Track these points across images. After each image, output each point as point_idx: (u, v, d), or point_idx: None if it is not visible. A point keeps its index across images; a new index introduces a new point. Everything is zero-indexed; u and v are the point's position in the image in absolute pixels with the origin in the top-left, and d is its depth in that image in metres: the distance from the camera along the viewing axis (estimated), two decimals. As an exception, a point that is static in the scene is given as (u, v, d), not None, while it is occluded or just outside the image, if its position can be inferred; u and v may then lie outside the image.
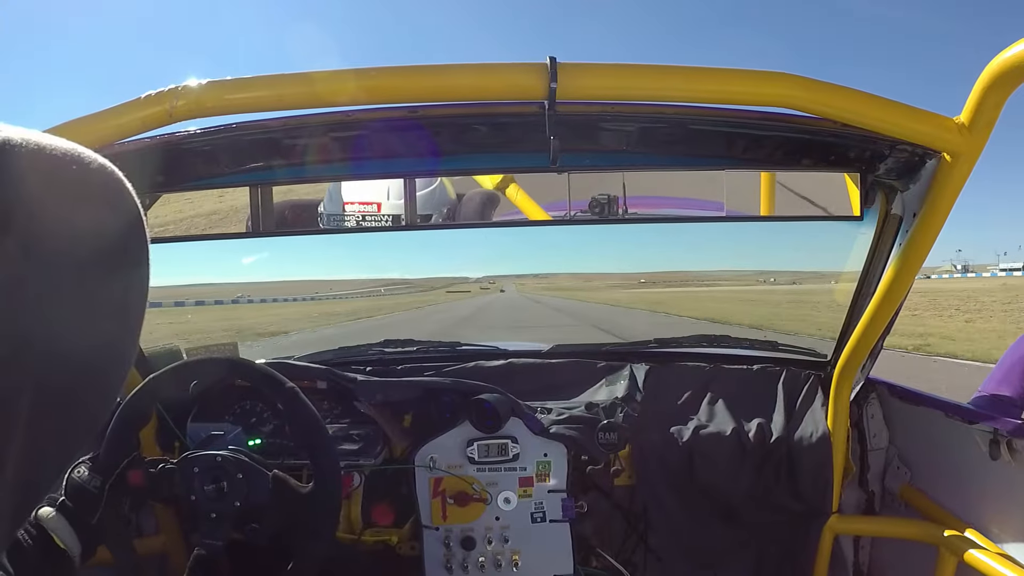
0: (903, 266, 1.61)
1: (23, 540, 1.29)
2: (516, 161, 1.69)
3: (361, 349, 2.64)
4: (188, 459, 1.57)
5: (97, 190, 0.48)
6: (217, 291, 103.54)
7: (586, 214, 1.61)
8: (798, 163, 1.66)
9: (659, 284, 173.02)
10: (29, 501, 0.50)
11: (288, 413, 1.62)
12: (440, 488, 1.97)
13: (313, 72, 1.30)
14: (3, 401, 0.42)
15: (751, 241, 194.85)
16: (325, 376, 2.04)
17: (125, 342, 0.53)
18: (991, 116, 1.26)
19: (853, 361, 1.94)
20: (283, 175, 1.71)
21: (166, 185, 1.71)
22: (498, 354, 2.45)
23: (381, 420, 2.01)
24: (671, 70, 1.28)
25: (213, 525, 1.54)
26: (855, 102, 1.30)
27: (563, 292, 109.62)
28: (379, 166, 1.72)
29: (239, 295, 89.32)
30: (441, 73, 1.29)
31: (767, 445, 2.06)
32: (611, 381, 2.31)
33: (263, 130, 1.56)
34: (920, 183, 1.54)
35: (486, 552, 1.94)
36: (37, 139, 0.43)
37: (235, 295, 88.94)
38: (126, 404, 1.64)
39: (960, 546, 1.69)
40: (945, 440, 1.92)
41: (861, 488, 2.21)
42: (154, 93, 1.28)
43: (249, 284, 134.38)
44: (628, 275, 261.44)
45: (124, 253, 0.51)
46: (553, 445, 1.98)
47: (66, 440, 0.51)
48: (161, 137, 1.50)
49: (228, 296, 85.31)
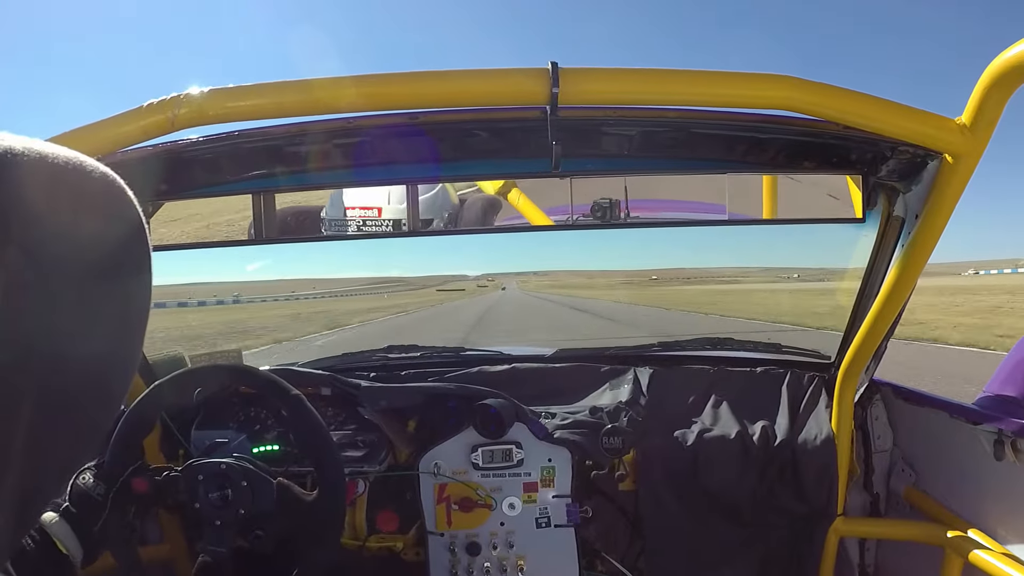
0: (906, 268, 1.60)
1: (26, 545, 1.29)
2: (518, 167, 1.70)
3: (365, 355, 2.65)
4: (192, 467, 1.57)
5: (99, 199, 0.48)
6: (215, 290, 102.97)
7: (588, 218, 1.61)
8: (800, 166, 1.66)
9: (674, 282, 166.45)
10: (33, 507, 0.50)
11: (293, 420, 1.62)
12: (445, 494, 1.96)
13: (314, 79, 1.30)
14: (6, 408, 0.43)
15: (753, 242, 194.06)
16: (329, 382, 2.04)
17: (128, 349, 0.54)
18: (992, 116, 1.26)
19: (857, 363, 1.94)
20: (285, 182, 1.72)
21: (168, 193, 1.72)
22: (502, 359, 2.45)
23: (385, 426, 2.01)
24: (672, 74, 1.28)
25: (217, 532, 1.54)
26: (856, 104, 1.29)
27: (570, 290, 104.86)
28: (381, 172, 1.72)
29: (236, 294, 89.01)
30: (442, 79, 1.29)
31: (771, 448, 2.06)
32: (615, 385, 2.31)
33: (265, 138, 1.56)
34: (922, 184, 1.54)
35: (491, 558, 1.94)
36: (39, 148, 0.44)
37: (232, 294, 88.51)
38: (131, 412, 1.64)
39: (965, 547, 1.69)
40: (949, 441, 1.91)
41: (866, 490, 2.20)
42: (156, 101, 1.28)
43: (244, 284, 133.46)
44: (636, 272, 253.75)
45: (126, 261, 0.51)
46: (557, 450, 1.98)
47: (69, 446, 0.51)
48: (163, 145, 1.51)
49: (227, 295, 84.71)
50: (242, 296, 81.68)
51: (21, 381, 0.43)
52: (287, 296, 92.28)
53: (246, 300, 76.86)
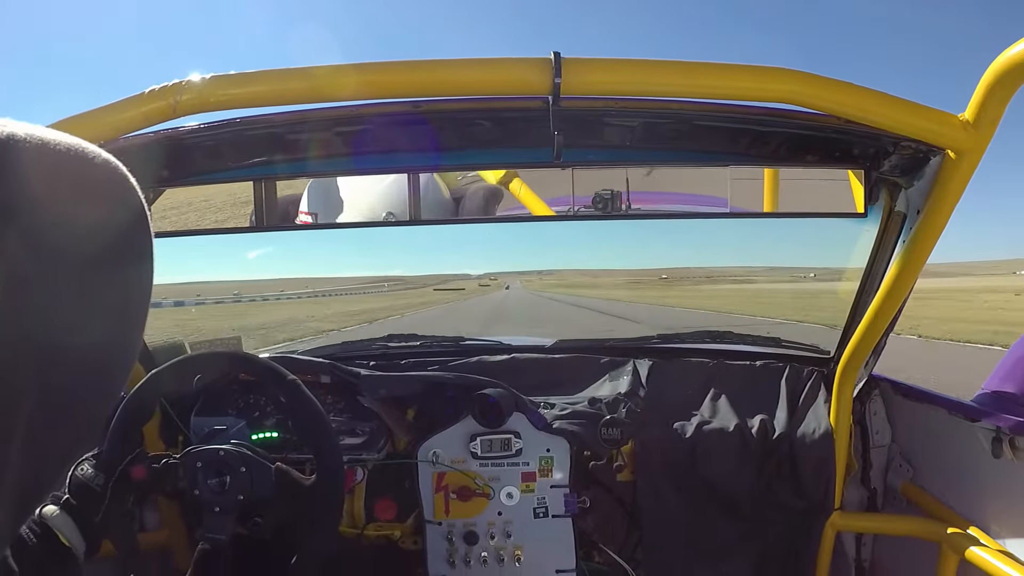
0: (907, 264, 1.60)
1: (27, 538, 1.29)
2: (519, 156, 1.69)
3: (365, 343, 2.65)
4: (191, 453, 1.57)
5: (101, 185, 0.48)
6: (213, 289, 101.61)
7: (589, 210, 1.61)
8: (802, 159, 1.65)
9: (685, 281, 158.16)
10: (32, 498, 0.50)
11: (291, 406, 1.62)
12: (443, 483, 1.97)
13: (316, 67, 1.29)
14: (6, 397, 0.43)
15: (753, 238, 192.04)
16: (329, 370, 2.04)
17: (128, 337, 0.53)
18: (996, 113, 1.25)
19: (856, 358, 1.94)
20: (287, 170, 1.71)
21: (170, 180, 1.72)
22: (501, 349, 2.45)
23: (384, 414, 2.02)
24: (675, 65, 1.27)
25: (216, 519, 1.54)
26: (859, 98, 1.29)
27: (577, 290, 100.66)
28: (382, 161, 1.72)
29: (236, 292, 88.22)
30: (444, 68, 1.29)
31: (770, 441, 2.07)
32: (614, 376, 2.32)
33: (267, 125, 1.56)
34: (924, 180, 1.53)
35: (488, 547, 1.95)
36: (41, 134, 0.44)
37: (231, 292, 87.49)
38: (129, 399, 1.64)
39: (962, 543, 1.69)
40: (947, 437, 1.91)
41: (863, 485, 2.21)
42: (157, 88, 1.28)
43: (245, 282, 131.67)
44: (643, 271, 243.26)
45: (128, 248, 0.51)
46: (556, 440, 1.98)
47: (69, 436, 0.51)
48: (165, 132, 1.50)
49: (226, 294, 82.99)
50: (206, 299, 75.46)
51: (22, 369, 0.43)
52: (266, 296, 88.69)
53: (212, 301, 70.68)
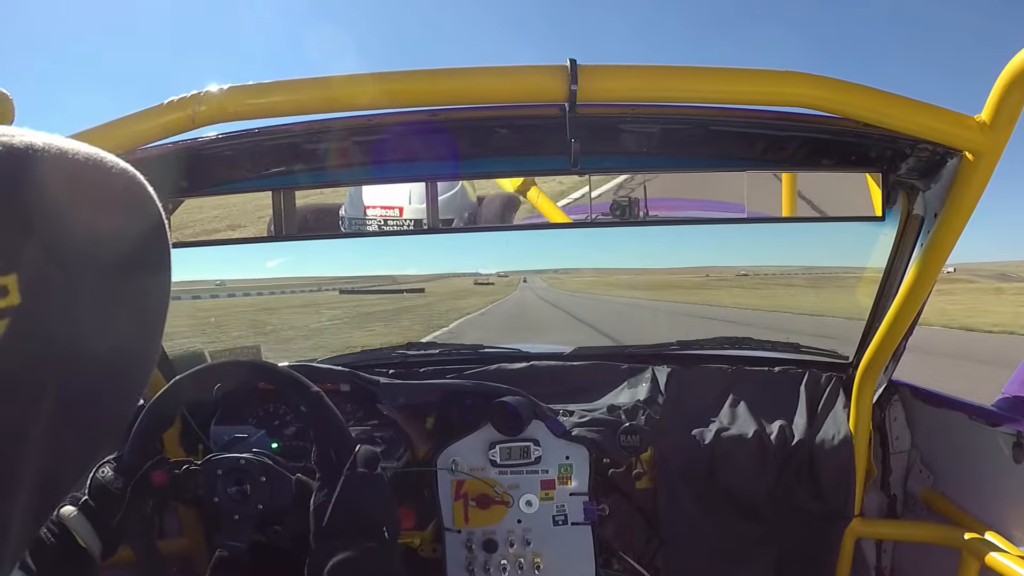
0: (925, 267, 1.59)
1: (45, 538, 1.30)
2: (536, 164, 1.70)
3: (384, 352, 2.66)
4: (212, 461, 1.58)
5: (119, 195, 0.49)
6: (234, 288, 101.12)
7: (607, 217, 1.62)
8: (819, 163, 1.65)
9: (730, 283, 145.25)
10: (51, 500, 0.51)
11: (312, 417, 1.63)
12: (462, 491, 1.97)
13: (333, 76, 1.31)
14: (26, 400, 0.43)
15: (770, 240, 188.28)
16: (348, 379, 2.05)
17: (146, 345, 0.54)
18: (1013, 114, 1.25)
19: (876, 363, 1.92)
20: (305, 179, 1.73)
21: (189, 190, 1.73)
22: (520, 356, 2.45)
23: (403, 423, 2.02)
24: (691, 71, 1.28)
25: (235, 527, 1.54)
26: (875, 101, 1.29)
27: (616, 290, 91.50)
28: (400, 170, 1.73)
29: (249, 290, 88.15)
30: (461, 76, 1.29)
31: (789, 448, 2.05)
32: (633, 383, 2.31)
33: (285, 135, 1.57)
34: (941, 183, 1.52)
35: (508, 555, 1.94)
36: (60, 144, 0.44)
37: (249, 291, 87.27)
38: (151, 406, 1.65)
39: (982, 550, 1.67)
40: (968, 443, 1.90)
41: (883, 491, 2.19)
42: (176, 99, 1.30)
43: (259, 281, 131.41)
44: (686, 269, 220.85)
45: (146, 257, 0.51)
46: (575, 448, 1.98)
47: (88, 440, 0.51)
48: (183, 142, 1.52)
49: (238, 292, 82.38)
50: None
51: (42, 377, 0.44)
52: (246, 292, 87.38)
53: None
